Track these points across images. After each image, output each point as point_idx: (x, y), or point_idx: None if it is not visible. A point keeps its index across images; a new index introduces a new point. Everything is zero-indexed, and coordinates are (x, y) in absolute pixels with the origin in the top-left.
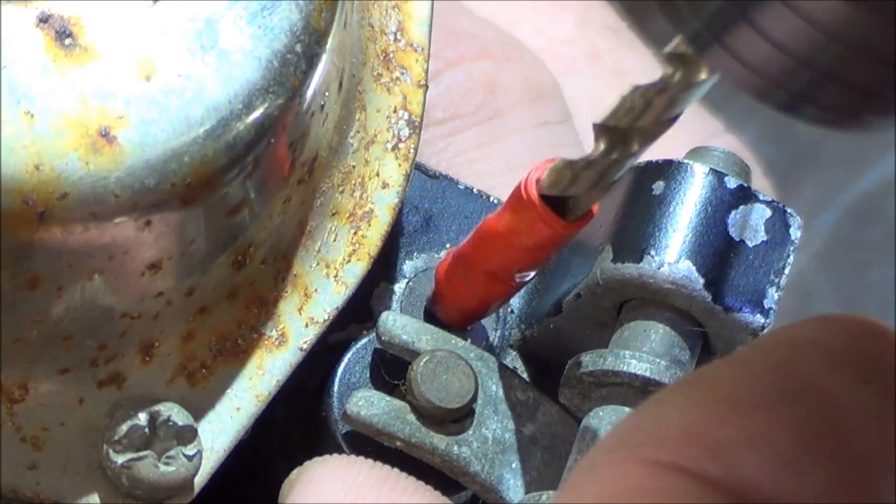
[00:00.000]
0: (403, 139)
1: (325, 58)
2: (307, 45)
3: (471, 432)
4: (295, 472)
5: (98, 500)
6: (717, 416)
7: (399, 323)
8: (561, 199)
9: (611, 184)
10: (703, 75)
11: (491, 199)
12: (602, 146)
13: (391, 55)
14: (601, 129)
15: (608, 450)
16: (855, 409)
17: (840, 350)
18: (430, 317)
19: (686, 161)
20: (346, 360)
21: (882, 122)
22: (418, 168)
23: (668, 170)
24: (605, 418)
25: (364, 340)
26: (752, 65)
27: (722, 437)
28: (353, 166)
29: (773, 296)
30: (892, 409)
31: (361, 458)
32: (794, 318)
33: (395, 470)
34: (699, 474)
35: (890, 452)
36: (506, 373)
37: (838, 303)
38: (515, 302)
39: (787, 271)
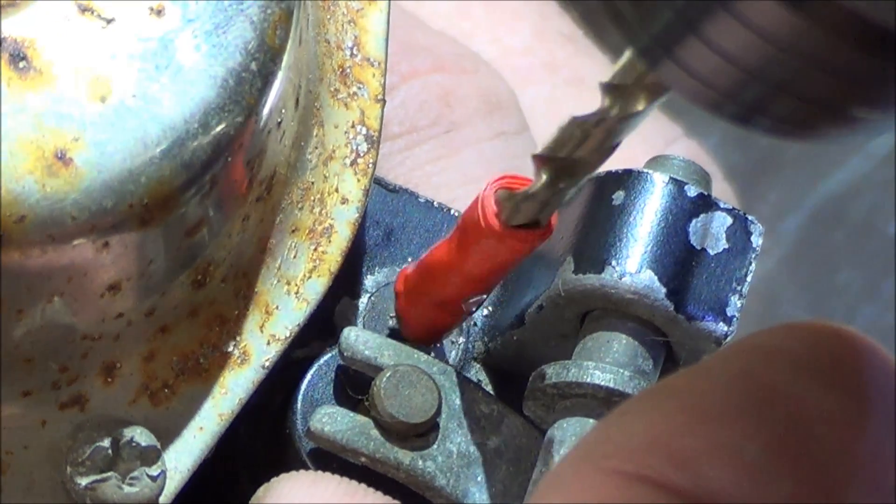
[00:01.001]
0: (362, 154)
1: (280, 75)
2: (262, 62)
3: (435, 446)
4: (262, 489)
5: None
6: (683, 425)
7: (361, 338)
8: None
9: (550, 214)
10: (639, 106)
11: (451, 211)
12: (544, 177)
13: (348, 70)
14: (542, 160)
15: (574, 462)
16: (820, 415)
17: (805, 357)
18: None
19: (646, 170)
20: (309, 376)
21: (838, 132)
22: (378, 182)
23: (627, 179)
24: (569, 430)
25: (327, 356)
26: (703, 77)
27: (688, 446)
28: (312, 182)
29: (735, 304)
30: (857, 414)
31: (328, 474)
32: (761, 321)
33: (363, 485)
34: (665, 484)
35: (856, 458)
36: (469, 386)
37: (805, 306)
38: (478, 314)
39: (749, 279)
